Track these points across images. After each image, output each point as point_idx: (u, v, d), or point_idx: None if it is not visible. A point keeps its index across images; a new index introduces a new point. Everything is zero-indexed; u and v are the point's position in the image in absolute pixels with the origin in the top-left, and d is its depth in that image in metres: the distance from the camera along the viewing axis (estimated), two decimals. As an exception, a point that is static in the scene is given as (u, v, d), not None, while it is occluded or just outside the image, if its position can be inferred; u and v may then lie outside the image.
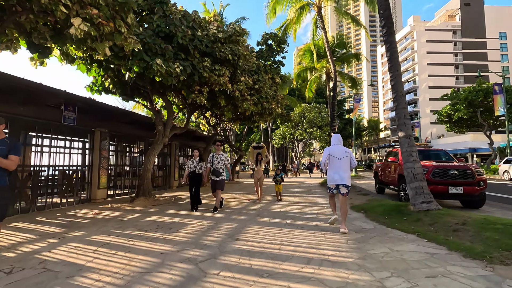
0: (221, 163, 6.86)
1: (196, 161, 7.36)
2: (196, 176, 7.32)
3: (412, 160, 5.77)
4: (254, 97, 10.55)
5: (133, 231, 5.04)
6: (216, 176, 6.79)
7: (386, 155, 10.82)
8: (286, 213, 6.78)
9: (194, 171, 7.28)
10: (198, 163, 7.36)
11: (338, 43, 18.19)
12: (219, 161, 6.86)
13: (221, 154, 6.94)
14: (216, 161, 6.86)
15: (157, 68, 6.20)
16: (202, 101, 8.32)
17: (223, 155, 6.92)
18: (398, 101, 6.14)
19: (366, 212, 6.42)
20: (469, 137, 42.74)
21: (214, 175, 6.80)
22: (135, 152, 12.12)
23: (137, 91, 8.86)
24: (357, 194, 9.78)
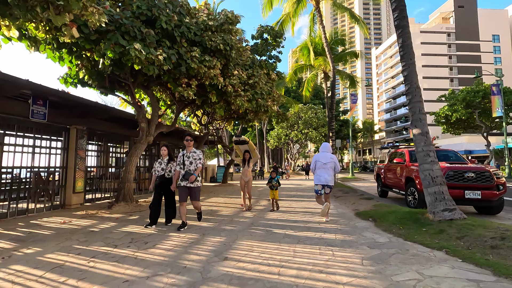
0: (194, 163, 5.11)
1: (164, 162, 5.59)
2: (166, 182, 5.52)
3: (430, 161, 5.00)
4: (248, 93, 9.71)
5: (100, 246, 4.14)
6: (185, 179, 5.03)
7: (391, 156, 10.09)
8: (284, 221, 5.94)
9: (163, 175, 5.51)
10: (167, 164, 5.58)
11: (336, 40, 17.51)
12: (191, 160, 5.10)
13: (194, 152, 5.18)
14: (188, 161, 5.12)
15: (135, 54, 5.33)
16: (190, 95, 7.46)
17: (195, 152, 5.17)
18: (412, 93, 5.37)
19: (376, 220, 5.62)
20: (464, 138, 42.61)
21: (183, 179, 5.05)
22: (119, 152, 11.16)
23: (117, 84, 7.94)
24: (359, 199, 9.00)
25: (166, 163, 5.59)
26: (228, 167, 18.25)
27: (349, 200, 8.99)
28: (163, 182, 5.53)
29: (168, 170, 5.58)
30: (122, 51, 5.40)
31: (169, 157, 5.66)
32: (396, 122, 67.16)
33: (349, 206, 8.04)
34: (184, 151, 5.31)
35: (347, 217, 6.35)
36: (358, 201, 8.59)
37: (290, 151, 40.32)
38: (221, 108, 10.03)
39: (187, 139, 5.22)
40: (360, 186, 15.82)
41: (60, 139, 8.12)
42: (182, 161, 5.17)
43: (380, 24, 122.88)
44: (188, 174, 5.00)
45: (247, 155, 7.55)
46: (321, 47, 17.23)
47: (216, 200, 9.90)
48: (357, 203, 8.36)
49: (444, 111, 29.65)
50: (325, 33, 14.17)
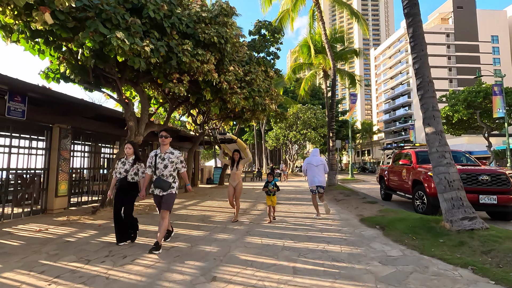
0: (170, 167, 4.08)
1: (129, 163, 4.48)
2: (128, 187, 4.40)
3: (446, 163, 4.47)
4: (245, 90, 9.18)
5: (70, 261, 3.58)
6: (160, 188, 4.03)
7: (395, 157, 9.58)
8: (283, 229, 5.40)
9: (125, 178, 4.40)
10: (132, 165, 4.47)
11: (336, 38, 17.01)
12: (166, 163, 4.07)
13: (170, 152, 4.16)
14: (161, 164, 4.07)
15: (117, 44, 4.78)
16: (182, 92, 6.92)
17: (173, 153, 4.16)
18: (424, 88, 4.85)
19: (384, 228, 5.09)
20: (464, 139, 42.24)
21: (157, 187, 4.05)
22: (109, 153, 10.56)
23: (103, 79, 7.38)
24: (362, 202, 8.48)
25: (131, 164, 4.46)
26: (225, 168, 17.69)
27: (351, 204, 8.47)
28: (124, 187, 4.38)
29: (132, 172, 4.44)
30: (103, 40, 4.85)
31: (135, 157, 4.54)
32: (395, 123, 66.83)
33: (352, 211, 7.51)
34: (157, 150, 4.21)
35: (351, 224, 5.82)
36: (361, 205, 8.07)
37: (289, 152, 39.81)
38: (216, 106, 9.49)
39: (162, 135, 4.13)
40: (361, 188, 15.30)
41: (42, 139, 7.55)
42: (154, 163, 4.09)
43: (379, 25, 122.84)
44: (163, 183, 3.99)
45: (237, 155, 6.34)
46: (321, 45, 16.74)
47: (211, 204, 9.35)
48: (360, 207, 7.83)
49: (445, 111, 29.20)
50: (325, 29, 13.66)
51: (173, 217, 6.72)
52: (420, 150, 8.43)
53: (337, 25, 19.59)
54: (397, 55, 66.52)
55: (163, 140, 4.15)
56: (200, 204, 9.28)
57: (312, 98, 43.85)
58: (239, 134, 46.63)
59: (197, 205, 9.05)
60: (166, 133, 4.19)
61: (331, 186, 13.43)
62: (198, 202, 9.66)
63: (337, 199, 9.71)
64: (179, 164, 4.18)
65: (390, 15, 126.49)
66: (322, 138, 34.70)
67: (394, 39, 68.97)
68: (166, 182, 4.02)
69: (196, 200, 10.31)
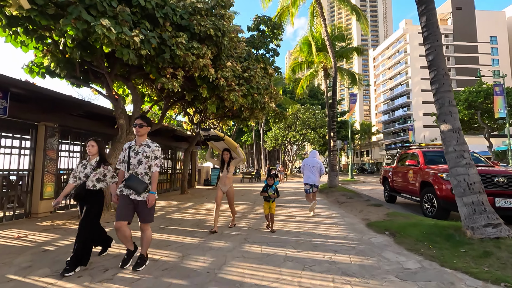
0: (145, 163, 3.23)
1: (91, 165, 3.52)
2: (88, 196, 3.43)
3: (465, 164, 4.05)
4: (243, 87, 8.75)
5: (42, 276, 3.13)
6: (132, 189, 3.16)
7: (400, 157, 9.17)
8: (285, 235, 4.96)
9: (84, 184, 3.45)
10: (94, 168, 3.49)
11: (337, 36, 16.60)
12: (140, 159, 3.22)
13: (146, 145, 3.28)
14: (135, 159, 3.23)
15: (102, 32, 4.33)
16: (175, 87, 6.48)
17: (149, 147, 3.27)
18: (439, 81, 4.43)
19: (394, 235, 4.66)
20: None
21: (128, 187, 3.17)
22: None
23: (92, 74, 6.92)
24: (367, 205, 8.05)
25: (93, 168, 3.48)
26: (222, 169, 17.24)
27: (355, 207, 8.04)
28: (81, 196, 3.43)
29: (94, 178, 3.43)
30: (87, 28, 4.40)
31: (99, 159, 3.55)
32: (394, 123, 66.63)
33: (356, 214, 7.08)
34: (132, 142, 3.35)
35: (357, 229, 5.39)
36: (366, 208, 7.64)
37: (288, 153, 39.41)
38: (213, 104, 9.05)
39: (136, 123, 3.26)
40: (362, 190, 14.90)
41: (27, 138, 7.08)
42: (127, 158, 3.25)
43: (377, 26, 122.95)
44: (138, 183, 3.13)
45: (227, 155, 5.42)
46: (321, 43, 16.34)
47: (207, 206, 8.90)
48: (365, 210, 7.40)
49: (445, 111, 28.91)
50: (326, 25, 13.26)
51: (165, 222, 6.27)
52: (428, 150, 8.03)
53: (335, 23, 19.18)
54: (396, 55, 66.37)
55: (138, 130, 3.27)
56: (195, 207, 8.83)
57: (311, 99, 43.51)
58: (238, 134, 46.19)
59: (193, 208, 8.60)
60: (141, 121, 3.28)
61: (332, 187, 13.00)
62: (194, 205, 9.21)
63: (340, 202, 9.28)
64: (152, 160, 3.24)
65: (389, 16, 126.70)
66: (321, 139, 34.30)
67: (393, 40, 68.83)
68: (142, 182, 3.14)
69: (192, 202, 9.86)
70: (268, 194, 5.30)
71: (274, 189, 5.36)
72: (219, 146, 5.91)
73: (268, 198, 5.32)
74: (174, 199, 10.75)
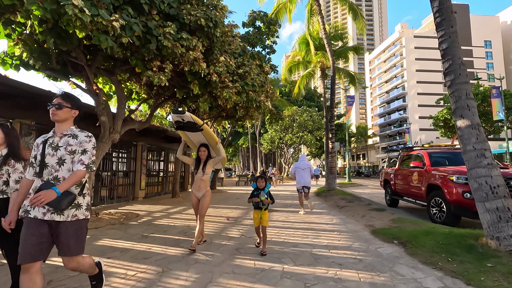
0: (69, 163, 2.07)
1: None
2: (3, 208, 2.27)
3: (486, 164, 3.56)
4: (238, 84, 8.22)
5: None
6: (51, 206, 1.93)
7: (402, 159, 8.70)
8: (281, 244, 4.41)
9: None
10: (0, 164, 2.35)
11: (334, 35, 16.22)
12: (62, 156, 2.07)
13: (72, 134, 2.14)
14: (54, 156, 2.06)
15: (74, 13, 3.78)
16: (162, 81, 5.93)
17: (77, 137, 2.13)
18: (454, 72, 3.96)
19: (405, 244, 4.13)
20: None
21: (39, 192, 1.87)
22: None
23: (72, 67, 6.34)
24: (369, 210, 7.54)
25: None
26: (217, 171, 16.65)
27: (356, 212, 7.53)
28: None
29: (1, 181, 2.36)
30: (56, 9, 3.84)
31: (8, 151, 2.41)
32: (390, 126, 66.65)
33: (359, 220, 6.56)
34: (50, 133, 2.20)
35: (362, 237, 4.86)
36: (369, 213, 7.13)
37: (284, 156, 38.91)
38: (206, 102, 8.50)
39: (53, 103, 2.15)
40: (361, 193, 14.42)
41: (-1, 136, 6.45)
42: (40, 156, 2.09)
43: (373, 30, 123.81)
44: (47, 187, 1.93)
45: (204, 152, 4.25)
46: (319, 42, 15.94)
47: (198, 211, 8.32)
48: (367, 215, 6.89)
49: (443, 114, 28.75)
50: (324, 23, 12.85)
51: (150, 229, 5.69)
52: (434, 151, 7.57)
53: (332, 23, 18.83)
54: (392, 59, 66.59)
55: (54, 112, 2.12)
56: (186, 211, 8.24)
57: (308, 101, 43.16)
58: (234, 137, 45.57)
59: (183, 213, 8.02)
60: (61, 100, 2.15)
61: (331, 191, 12.49)
62: (184, 210, 8.62)
63: (340, 206, 8.76)
64: (78, 156, 2.07)
65: (384, 21, 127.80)
66: (318, 141, 33.88)
67: (389, 43, 69.11)
68: (64, 193, 1.95)
69: (183, 207, 9.27)
70: (260, 200, 3.99)
71: (266, 192, 4.08)
72: (194, 140, 4.58)
73: (260, 205, 4.01)
74: (165, 203, 10.15)
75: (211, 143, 4.48)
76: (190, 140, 4.63)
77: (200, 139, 4.48)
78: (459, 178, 5.55)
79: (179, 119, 4.12)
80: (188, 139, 4.62)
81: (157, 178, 13.25)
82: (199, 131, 4.25)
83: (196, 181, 4.24)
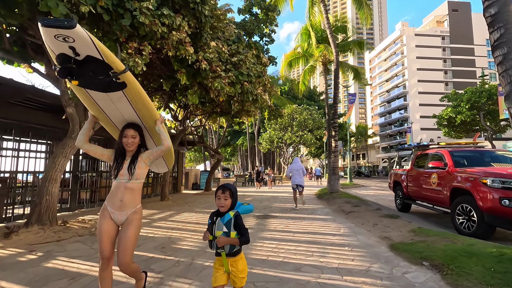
0: None
1: None
2: None
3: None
4: (231, 74, 7.28)
5: None
6: None
7: (416, 159, 7.76)
8: (280, 269, 3.46)
9: None
10: None
11: (338, 27, 15.27)
12: None
13: None
14: None
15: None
16: (139, 65, 4.98)
17: None
18: (508, 43, 3.02)
19: (441, 269, 3.19)
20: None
21: None
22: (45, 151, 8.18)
23: (33, 50, 5.37)
24: (380, 216, 6.59)
25: None
26: (212, 171, 15.70)
27: (366, 219, 6.58)
28: None
29: None
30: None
31: None
32: (391, 126, 65.78)
33: (371, 229, 5.60)
34: None
35: (380, 255, 3.91)
36: (380, 221, 6.19)
37: (283, 155, 37.97)
38: (195, 95, 7.55)
39: None
40: (365, 195, 13.50)
41: None
42: None
43: (373, 29, 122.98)
44: None
45: (132, 137, 2.29)
46: (321, 34, 15.00)
47: (186, 217, 7.37)
48: (380, 224, 5.95)
49: (447, 112, 27.84)
50: (326, 12, 11.90)
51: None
52: (456, 149, 6.63)
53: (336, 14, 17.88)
54: (393, 57, 65.74)
55: None
56: (172, 217, 7.29)
57: (308, 100, 42.21)
58: (232, 136, 44.59)
59: (168, 219, 7.06)
60: None
61: (334, 193, 11.55)
62: (172, 215, 7.67)
63: (345, 211, 7.81)
64: None
65: (384, 20, 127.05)
66: (318, 141, 32.96)
67: (389, 42, 68.28)
68: None
69: (170, 212, 8.31)
70: (213, 236, 2.01)
71: (226, 222, 2.02)
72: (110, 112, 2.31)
73: (215, 248, 2.01)
74: (152, 207, 9.19)
75: (146, 120, 2.36)
76: (101, 111, 2.28)
77: (124, 112, 2.27)
78: (494, 182, 4.62)
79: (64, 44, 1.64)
80: (95, 108, 2.25)
81: (146, 179, 12.26)
82: (117, 90, 2.02)
83: (116, 190, 2.20)
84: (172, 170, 14.56)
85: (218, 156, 15.93)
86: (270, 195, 13.62)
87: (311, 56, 15.09)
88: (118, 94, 2.07)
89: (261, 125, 36.88)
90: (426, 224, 5.93)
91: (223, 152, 49.94)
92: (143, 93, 2.15)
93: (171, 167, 3.00)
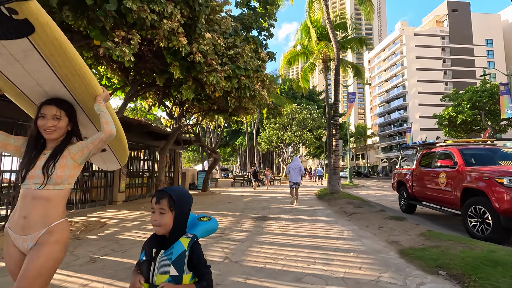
0: None
1: None
2: None
3: None
4: (227, 67, 6.90)
5: None
6: None
7: (422, 157, 7.40)
8: (279, 279, 3.07)
9: None
10: None
11: (338, 24, 14.92)
12: None
13: None
14: None
15: None
16: (126, 55, 4.60)
17: None
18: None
19: (461, 280, 2.81)
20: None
21: None
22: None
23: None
24: (385, 218, 6.22)
25: None
26: (209, 171, 15.32)
27: (370, 221, 6.20)
28: None
29: None
30: None
31: None
32: (390, 126, 65.56)
33: (376, 233, 5.23)
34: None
35: (390, 263, 3.53)
36: (386, 223, 5.82)
37: (282, 155, 37.61)
38: (189, 90, 7.17)
39: None
40: (367, 195, 13.13)
41: None
42: None
43: (372, 29, 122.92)
44: None
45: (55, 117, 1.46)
46: (321, 31, 14.66)
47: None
48: (386, 226, 5.58)
49: (448, 112, 27.55)
50: (327, 7, 11.55)
51: (108, 247, 4.32)
52: (466, 147, 6.27)
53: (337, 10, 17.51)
54: (392, 57, 65.56)
55: None
56: (165, 219, 6.88)
57: (307, 100, 41.88)
58: (231, 136, 44.22)
59: (161, 221, 6.65)
60: None
61: (334, 193, 11.18)
62: (165, 217, 7.25)
63: (348, 213, 7.44)
64: None
65: (383, 20, 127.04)
66: (317, 141, 32.61)
67: (389, 42, 68.11)
68: None
69: (164, 213, 7.89)
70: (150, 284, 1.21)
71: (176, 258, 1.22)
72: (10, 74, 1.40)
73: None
74: (145, 208, 8.80)
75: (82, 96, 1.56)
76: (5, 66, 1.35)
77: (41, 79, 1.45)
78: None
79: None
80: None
81: (140, 179, 11.87)
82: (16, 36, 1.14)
83: (20, 203, 1.42)
84: (168, 169, 14.17)
85: (215, 156, 15.54)
86: (269, 195, 13.25)
87: (311, 53, 14.74)
88: (23, 45, 1.19)
89: (260, 125, 36.52)
90: (435, 227, 5.57)
91: (222, 152, 49.57)
92: (72, 51, 1.33)
93: (123, 163, 2.37)
